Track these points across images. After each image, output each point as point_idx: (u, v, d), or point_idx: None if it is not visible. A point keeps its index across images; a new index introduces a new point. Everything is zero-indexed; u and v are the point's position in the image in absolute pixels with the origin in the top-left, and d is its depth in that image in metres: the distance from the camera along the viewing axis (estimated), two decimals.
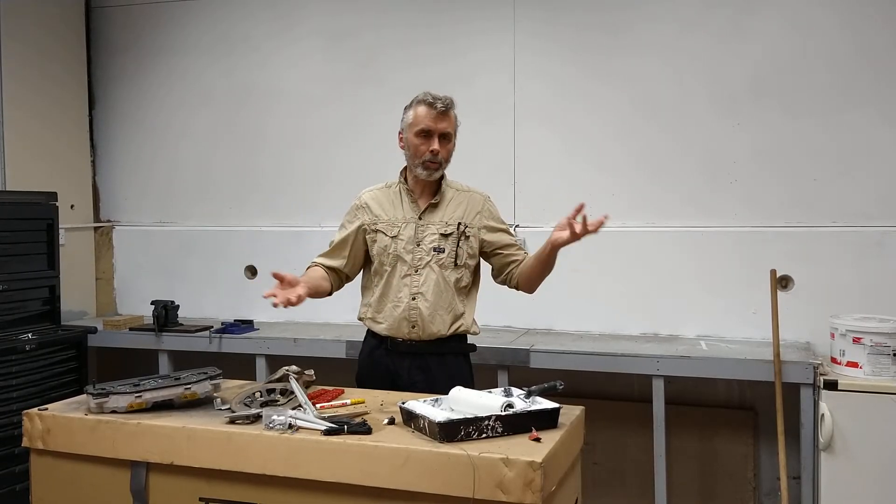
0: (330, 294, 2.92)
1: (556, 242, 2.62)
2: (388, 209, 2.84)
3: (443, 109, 2.72)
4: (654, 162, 4.03)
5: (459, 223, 2.79)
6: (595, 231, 2.52)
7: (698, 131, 3.97)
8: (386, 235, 2.81)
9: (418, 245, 2.78)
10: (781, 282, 3.79)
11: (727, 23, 3.91)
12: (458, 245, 2.78)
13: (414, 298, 2.77)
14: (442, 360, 2.78)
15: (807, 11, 3.81)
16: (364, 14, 4.49)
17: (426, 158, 2.73)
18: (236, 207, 4.77)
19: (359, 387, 2.89)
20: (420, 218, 2.81)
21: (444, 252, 2.78)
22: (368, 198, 2.90)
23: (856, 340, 3.26)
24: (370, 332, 2.92)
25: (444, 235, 2.78)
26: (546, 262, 2.74)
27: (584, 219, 2.53)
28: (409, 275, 2.78)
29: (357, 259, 2.91)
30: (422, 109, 2.73)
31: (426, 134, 2.73)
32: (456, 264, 2.79)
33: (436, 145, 2.72)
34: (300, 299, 2.53)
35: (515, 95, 4.22)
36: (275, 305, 2.50)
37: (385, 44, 4.45)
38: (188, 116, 4.84)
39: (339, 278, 2.92)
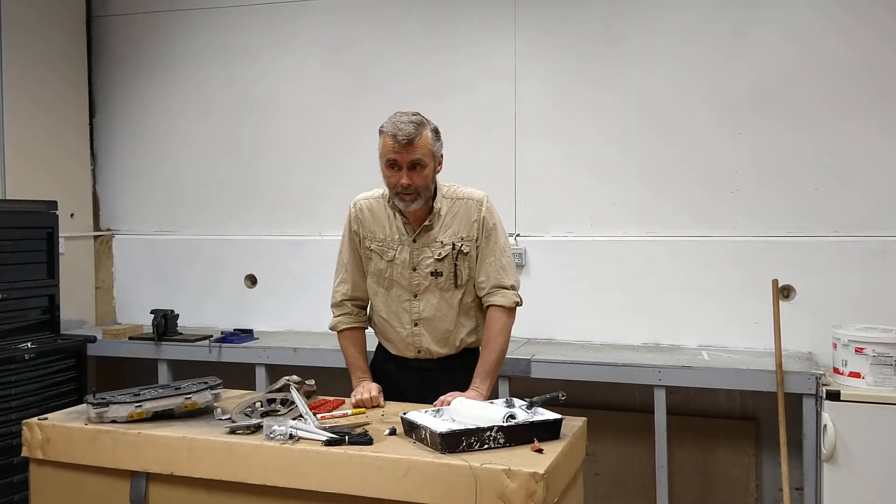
0: None
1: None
2: (382, 225, 2.75)
3: (405, 142, 2.53)
4: (655, 171, 4.03)
5: (454, 242, 2.68)
6: None
7: (699, 141, 3.97)
8: (381, 258, 2.74)
9: (414, 270, 2.70)
10: (783, 291, 3.79)
11: (728, 33, 3.91)
12: (455, 265, 2.68)
13: (416, 324, 2.73)
14: (452, 374, 2.72)
15: (806, 22, 3.81)
16: (364, 24, 4.49)
17: (398, 191, 2.60)
18: (236, 216, 4.76)
19: None
20: (414, 240, 2.70)
21: (441, 275, 2.69)
22: (363, 207, 2.80)
23: (858, 351, 3.25)
24: (381, 346, 2.90)
25: (440, 259, 2.69)
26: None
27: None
28: (408, 300, 2.73)
29: None
30: (387, 141, 2.58)
31: (394, 165, 2.59)
32: (456, 285, 2.70)
33: (405, 179, 2.56)
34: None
35: (516, 104, 4.22)
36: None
37: (385, 53, 4.46)
38: (188, 125, 4.84)
39: (367, 302, 2.90)
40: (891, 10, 3.70)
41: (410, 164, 2.56)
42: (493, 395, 2.72)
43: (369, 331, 2.94)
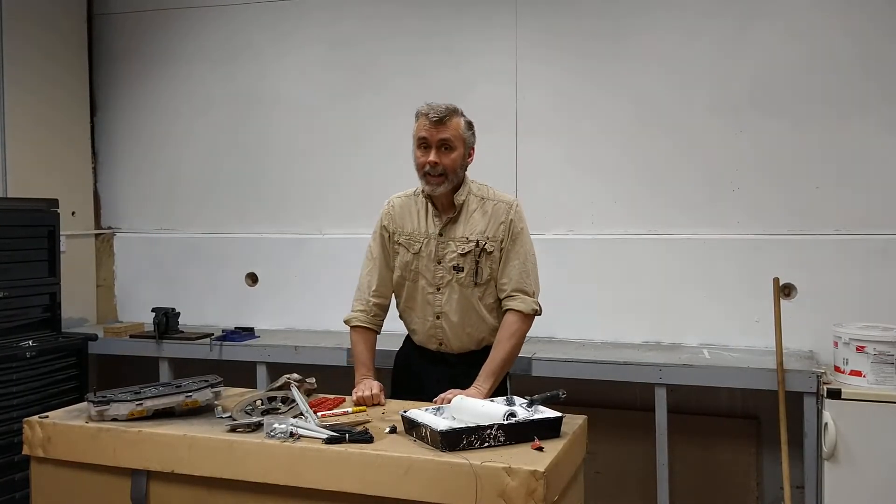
0: None
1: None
2: (411, 220, 2.81)
3: (435, 119, 2.64)
4: (657, 170, 4.03)
5: (478, 240, 2.73)
6: None
7: (701, 139, 3.96)
8: (408, 251, 2.80)
9: (439, 263, 2.75)
10: (784, 290, 3.78)
11: (730, 31, 3.91)
12: (477, 263, 2.72)
13: (438, 317, 2.78)
14: (472, 371, 2.72)
15: (808, 20, 3.81)
16: (365, 22, 4.49)
17: (426, 170, 2.68)
18: (237, 215, 4.76)
19: (393, 381, 2.94)
20: (441, 234, 2.76)
21: (462, 270, 2.73)
22: (395, 205, 2.87)
23: (859, 349, 3.25)
24: (408, 337, 2.96)
25: (463, 255, 2.73)
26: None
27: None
28: (432, 293, 2.78)
29: None
30: (421, 121, 2.69)
31: (424, 144, 2.68)
32: (476, 283, 2.74)
33: (433, 156, 2.65)
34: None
35: (517, 102, 4.22)
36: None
37: (386, 52, 4.45)
38: (189, 123, 4.84)
39: (389, 301, 2.95)
40: (893, 6, 3.70)
41: (439, 142, 2.65)
42: (493, 393, 2.74)
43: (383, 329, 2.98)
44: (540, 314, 2.81)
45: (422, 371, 2.86)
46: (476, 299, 2.75)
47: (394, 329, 3.04)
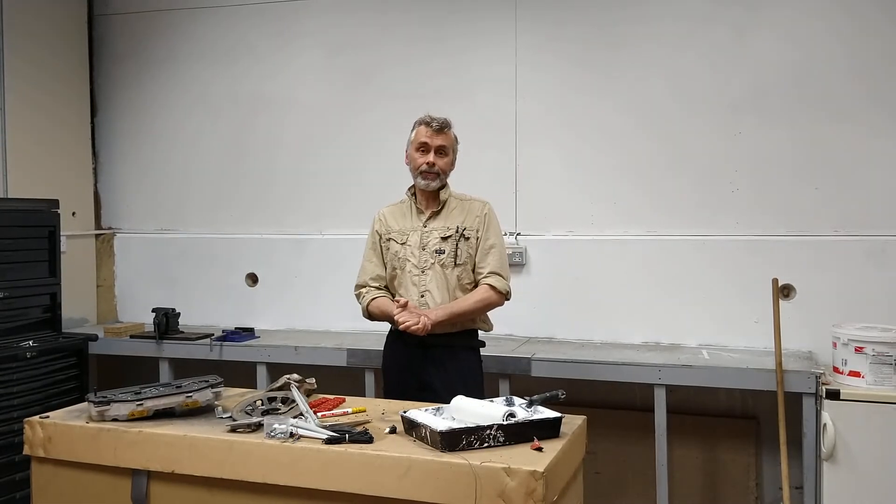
0: None
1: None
2: (399, 221, 3.18)
3: (437, 127, 3.08)
4: (656, 170, 4.03)
5: (458, 227, 3.08)
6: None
7: (700, 140, 3.97)
8: (397, 243, 3.14)
9: (423, 249, 3.09)
10: (783, 291, 3.79)
11: (726, 38, 3.91)
12: (457, 246, 3.06)
13: (422, 296, 3.06)
14: (452, 352, 3.03)
15: (807, 23, 3.81)
16: (365, 27, 4.49)
17: (423, 169, 3.07)
18: (237, 215, 4.77)
19: (383, 370, 3.20)
20: (425, 226, 3.12)
21: (444, 253, 3.07)
22: (385, 213, 3.25)
23: (858, 350, 3.25)
24: (391, 330, 3.17)
25: (444, 238, 3.08)
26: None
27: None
28: (417, 275, 3.08)
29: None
30: (421, 128, 3.11)
31: (424, 148, 3.08)
32: (455, 263, 3.06)
33: (432, 158, 3.07)
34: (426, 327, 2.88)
35: (517, 104, 4.22)
36: (415, 331, 2.86)
37: (387, 54, 4.46)
38: (190, 124, 4.85)
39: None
40: (886, 13, 3.70)
41: (437, 147, 3.07)
42: (493, 393, 2.76)
43: (357, 332, 3.35)
44: (509, 299, 3.10)
45: (406, 356, 3.04)
46: (454, 279, 3.06)
47: (385, 328, 3.16)
